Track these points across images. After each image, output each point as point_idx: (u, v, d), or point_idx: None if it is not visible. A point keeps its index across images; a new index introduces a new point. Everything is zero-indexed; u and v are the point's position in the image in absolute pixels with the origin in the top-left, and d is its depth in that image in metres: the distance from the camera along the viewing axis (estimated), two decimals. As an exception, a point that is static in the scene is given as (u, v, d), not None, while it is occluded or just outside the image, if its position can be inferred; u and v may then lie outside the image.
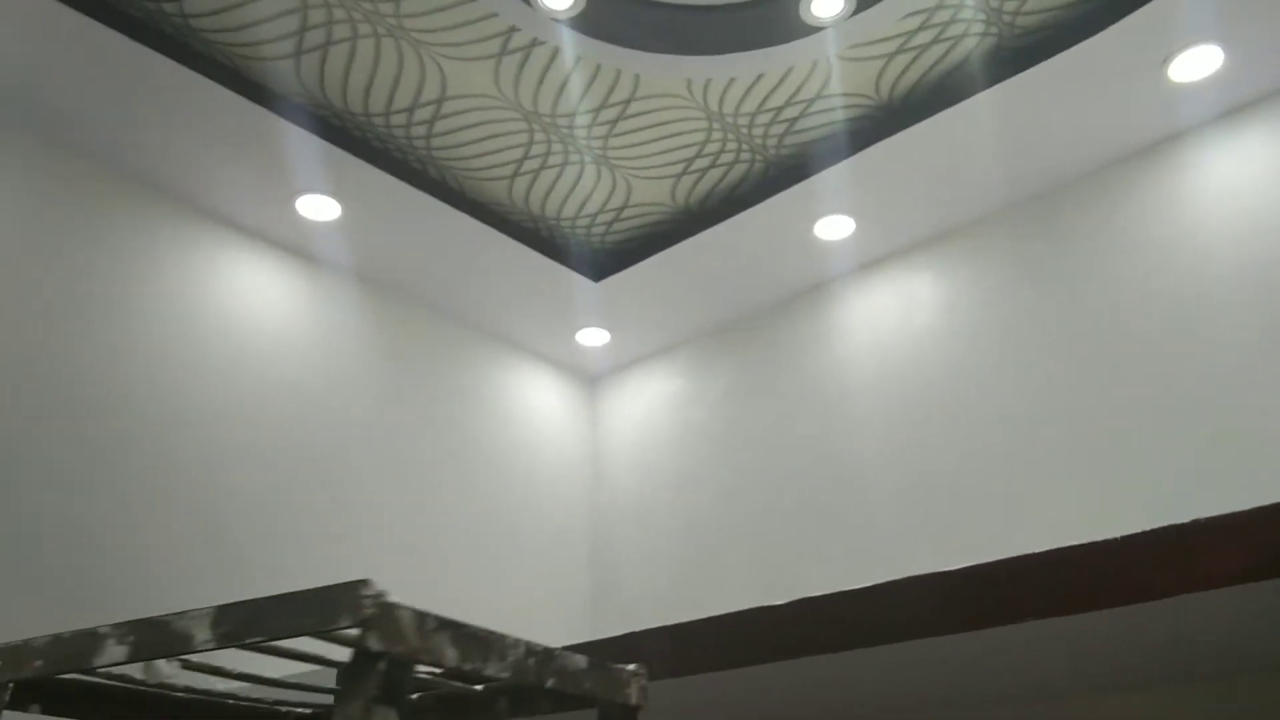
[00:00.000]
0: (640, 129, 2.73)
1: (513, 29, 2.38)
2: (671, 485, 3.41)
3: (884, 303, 3.05)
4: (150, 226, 2.69)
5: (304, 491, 2.76)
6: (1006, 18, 2.36)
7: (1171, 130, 2.57)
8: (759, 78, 2.52)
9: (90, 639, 0.69)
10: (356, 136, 2.69)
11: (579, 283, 3.23)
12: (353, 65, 2.49)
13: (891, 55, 2.46)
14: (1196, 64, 2.37)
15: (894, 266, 3.05)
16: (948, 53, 2.46)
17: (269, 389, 2.78)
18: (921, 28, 2.36)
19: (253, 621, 0.63)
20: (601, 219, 3.10)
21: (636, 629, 1.54)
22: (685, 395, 3.49)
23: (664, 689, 1.07)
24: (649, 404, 3.60)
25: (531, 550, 3.30)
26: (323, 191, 2.78)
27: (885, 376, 2.96)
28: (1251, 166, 2.42)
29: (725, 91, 2.59)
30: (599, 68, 2.51)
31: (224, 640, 0.64)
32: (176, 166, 2.66)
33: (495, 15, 2.33)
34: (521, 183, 2.94)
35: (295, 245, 2.98)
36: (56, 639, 0.70)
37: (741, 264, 3.16)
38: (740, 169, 2.89)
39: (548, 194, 2.99)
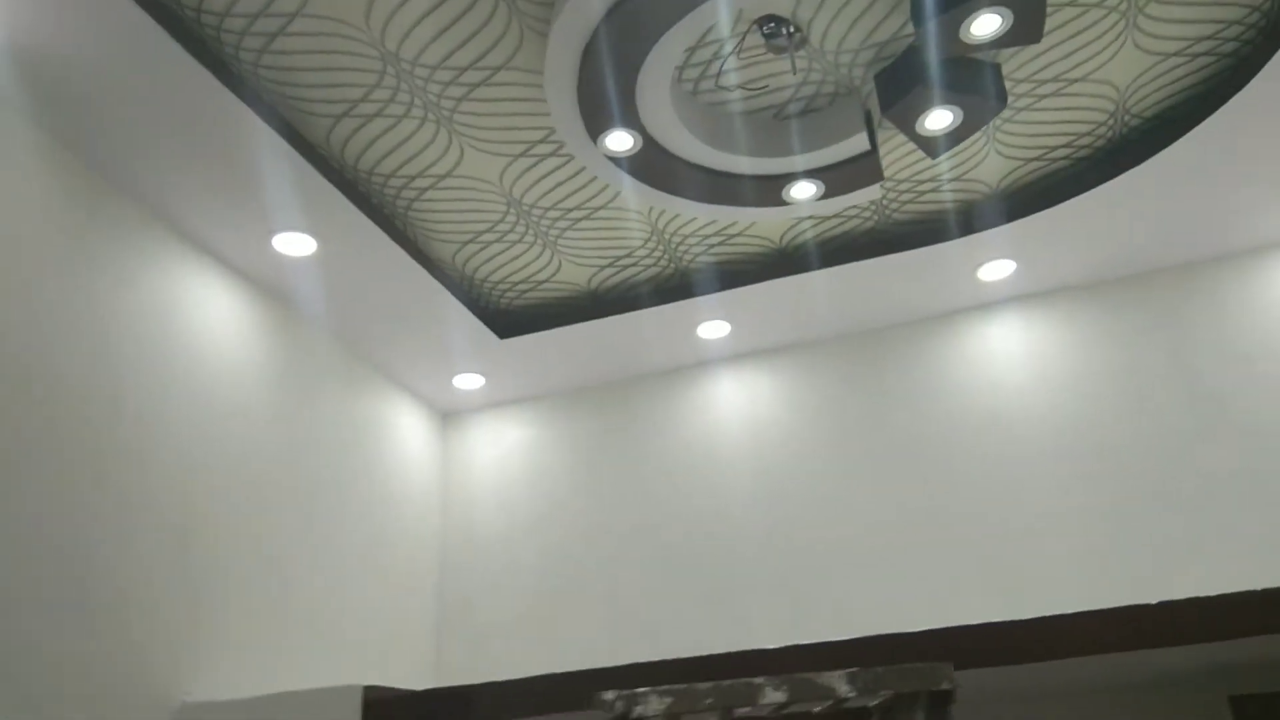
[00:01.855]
0: (595, 228, 3.22)
1: (548, 139, 2.79)
2: (527, 525, 3.87)
3: (742, 393, 3.78)
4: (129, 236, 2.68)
5: (208, 511, 2.87)
6: (887, 211, 3.22)
7: (977, 312, 3.59)
8: (712, 222, 3.15)
9: (750, 688, 1.14)
10: (346, 180, 2.89)
11: (486, 337, 3.60)
12: (386, 135, 2.74)
13: (806, 224, 3.22)
14: (998, 271, 3.40)
15: (762, 363, 3.80)
16: (838, 226, 3.27)
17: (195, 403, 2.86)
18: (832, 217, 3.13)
19: (874, 681, 1.14)
20: (522, 287, 3.52)
21: (487, 657, 2.13)
22: (549, 442, 3.97)
23: None
24: (513, 446, 4.02)
25: (381, 575, 3.56)
26: (301, 229, 2.93)
27: (740, 455, 3.69)
28: (1041, 343, 3.48)
29: (673, 220, 3.18)
30: (592, 180, 2.99)
31: (860, 694, 1.14)
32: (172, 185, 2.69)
33: (551, 132, 2.74)
34: (471, 249, 3.28)
35: (269, 277, 3.06)
36: (719, 686, 1.14)
37: (629, 346, 3.73)
38: (653, 271, 3.48)
39: (489, 261, 3.36)
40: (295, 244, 2.97)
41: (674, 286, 3.53)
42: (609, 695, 1.16)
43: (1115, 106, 2.82)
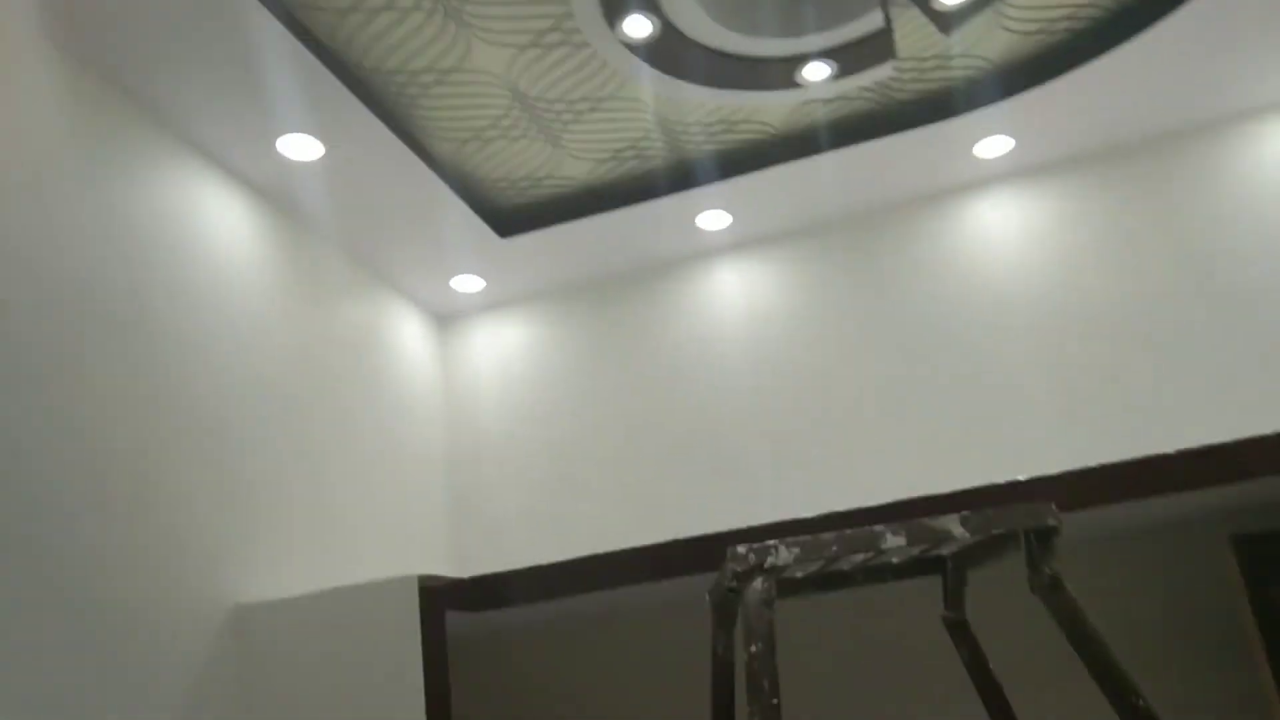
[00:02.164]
0: (598, 120, 3.19)
1: (559, 27, 2.74)
2: (531, 421, 3.93)
3: (742, 282, 3.83)
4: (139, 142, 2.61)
5: (229, 419, 2.89)
6: (889, 90, 3.23)
7: (974, 189, 3.65)
8: (716, 109, 3.14)
9: (872, 534, 1.22)
10: (353, 78, 2.82)
11: (487, 236, 3.58)
12: (392, 30, 2.67)
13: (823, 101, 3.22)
14: (996, 148, 3.45)
15: (762, 252, 3.84)
16: (841, 104, 3.28)
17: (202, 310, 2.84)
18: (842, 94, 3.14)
19: (985, 522, 1.23)
20: (523, 184, 3.50)
21: (499, 548, 2.22)
22: (550, 341, 4.00)
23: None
24: (514, 346, 4.05)
25: (392, 475, 3.61)
26: (307, 130, 2.86)
27: (742, 341, 3.76)
28: (1037, 218, 3.56)
29: (678, 109, 3.16)
30: (599, 70, 2.95)
31: (972, 534, 1.22)
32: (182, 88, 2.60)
33: (560, 20, 2.69)
34: (473, 146, 3.24)
35: (274, 182, 3.00)
36: (842, 535, 1.22)
37: (629, 240, 3.74)
38: (654, 164, 3.47)
39: (491, 159, 3.32)
40: (300, 146, 2.91)
41: (675, 178, 3.53)
42: (741, 549, 1.23)
43: (1118, -25, 2.83)
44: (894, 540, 1.23)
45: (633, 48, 2.64)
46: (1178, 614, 2.48)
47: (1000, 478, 3.39)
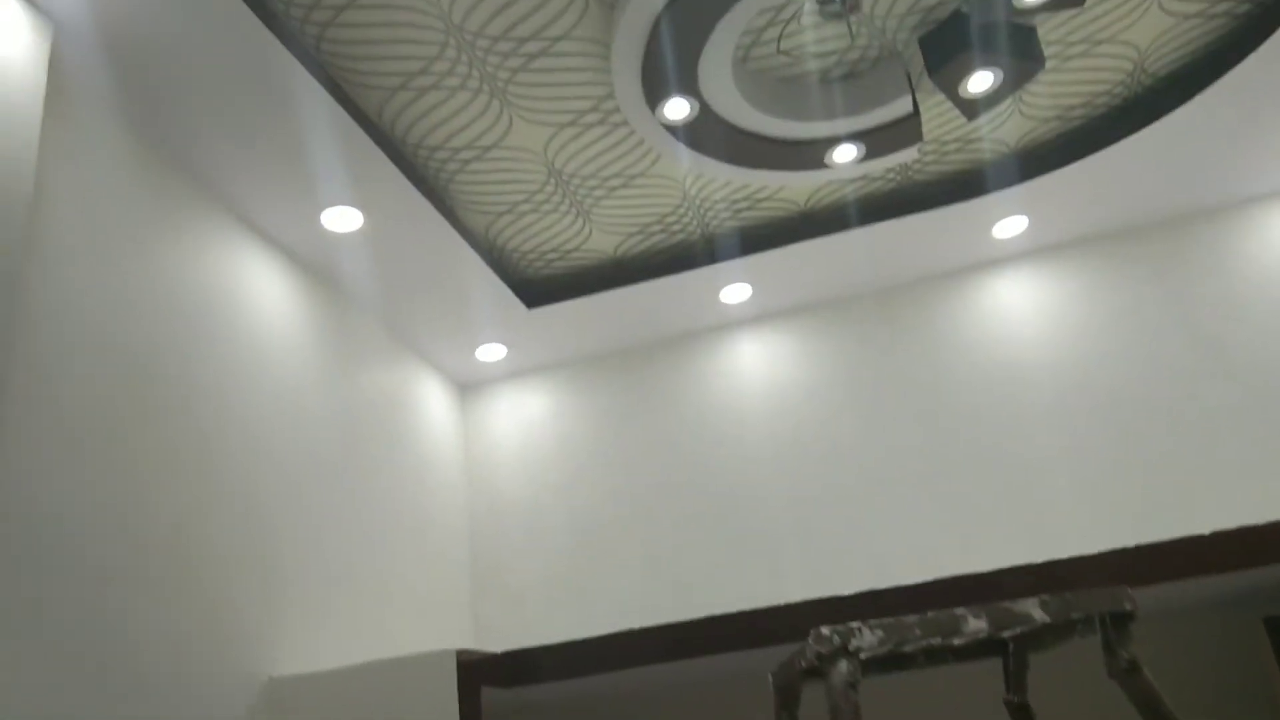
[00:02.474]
0: (629, 196, 3.28)
1: (598, 108, 2.83)
2: (553, 490, 3.94)
3: (763, 354, 3.89)
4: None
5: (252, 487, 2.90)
6: (910, 172, 3.33)
7: (991, 268, 3.74)
8: (743, 187, 3.23)
9: (954, 618, 1.24)
10: (396, 151, 2.90)
11: (514, 306, 3.64)
12: (438, 109, 2.75)
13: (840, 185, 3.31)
14: (1012, 228, 3.54)
15: (783, 325, 3.90)
16: (839, 189, 3.38)
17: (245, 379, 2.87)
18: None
19: (1064, 606, 1.25)
20: (550, 256, 3.56)
21: (522, 619, 2.23)
22: (572, 409, 4.03)
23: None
24: (536, 414, 4.07)
25: (415, 544, 3.60)
26: (348, 202, 2.93)
27: (763, 414, 3.80)
28: (1049, 299, 3.64)
29: (705, 186, 3.25)
30: (634, 148, 3.04)
31: (1051, 616, 1.25)
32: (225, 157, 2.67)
33: (600, 101, 2.78)
34: (506, 219, 3.31)
35: (315, 253, 3.06)
36: (925, 618, 1.24)
37: (652, 312, 3.80)
38: (679, 238, 3.55)
39: (522, 231, 3.39)
40: (342, 218, 2.97)
41: (699, 252, 3.61)
42: (825, 630, 1.25)
43: (1134, 66, 2.95)
44: (975, 624, 1.26)
45: (672, 129, 2.73)
46: (1211, 695, 2.48)
47: (1019, 555, 3.41)
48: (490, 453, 4.08)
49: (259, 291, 2.93)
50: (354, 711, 2.40)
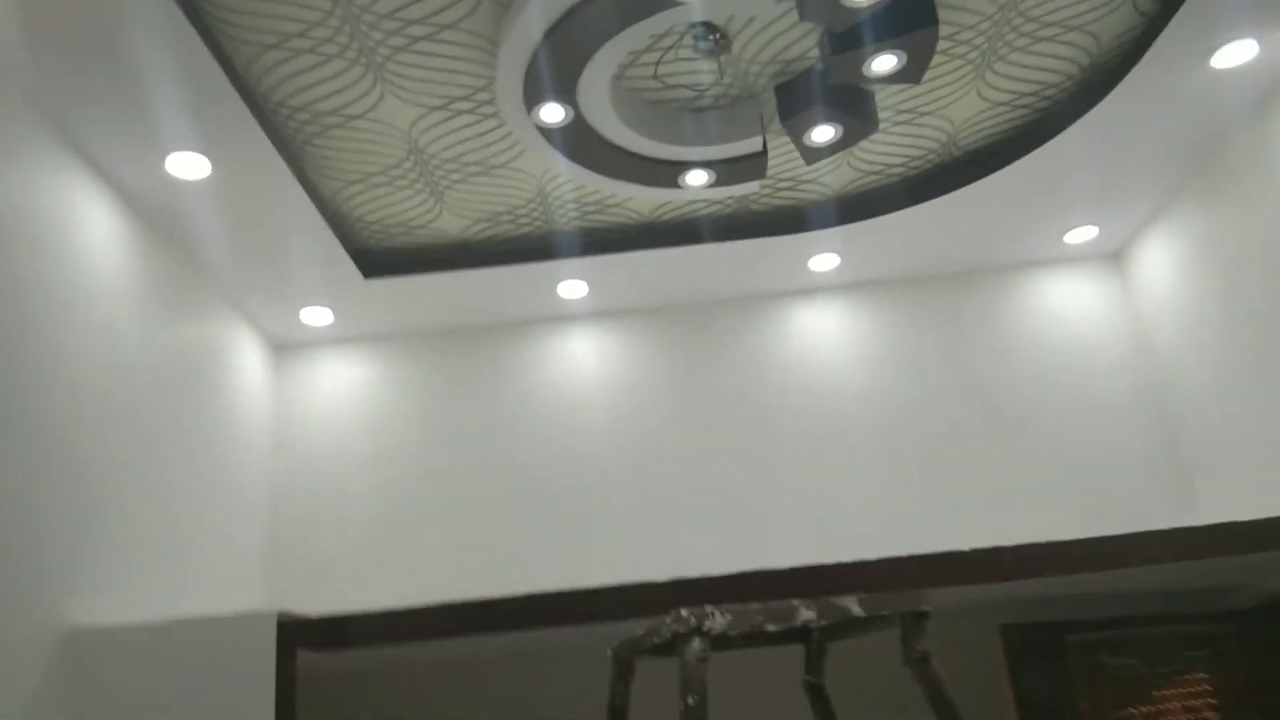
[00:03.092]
0: (487, 184, 3.36)
1: (471, 98, 2.90)
2: (367, 459, 3.94)
3: (594, 349, 4.06)
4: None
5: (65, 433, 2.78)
6: (747, 201, 3.62)
7: (804, 296, 4.09)
8: (596, 191, 3.38)
9: (790, 607, 1.46)
10: (255, 104, 2.84)
11: (351, 273, 3.62)
12: (308, 72, 2.73)
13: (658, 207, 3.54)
14: (826, 263, 3.91)
15: (615, 324, 4.09)
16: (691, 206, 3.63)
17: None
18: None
19: (877, 604, 1.50)
20: (395, 230, 3.58)
21: (321, 587, 2.43)
22: (398, 382, 4.04)
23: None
24: (359, 382, 4.05)
25: (220, 500, 3.51)
26: (197, 149, 2.83)
27: (588, 407, 3.98)
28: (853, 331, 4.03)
29: (561, 186, 3.39)
30: (500, 139, 3.13)
31: (867, 612, 1.49)
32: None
33: (474, 91, 2.85)
34: (357, 188, 3.30)
35: (154, 197, 2.90)
36: (766, 607, 1.44)
37: (490, 297, 3.89)
38: (526, 230, 3.67)
39: (372, 202, 3.39)
40: (187, 165, 2.87)
41: (543, 246, 3.73)
42: (684, 613, 1.44)
43: (948, 138, 3.37)
44: (807, 613, 1.48)
45: (542, 130, 2.85)
46: (956, 690, 2.90)
47: (805, 556, 3.78)
48: (304, 417, 4.01)
49: (86, 228, 2.78)
50: (164, 666, 2.36)
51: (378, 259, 3.71)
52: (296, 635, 2.45)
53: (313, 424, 4.00)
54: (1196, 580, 2.96)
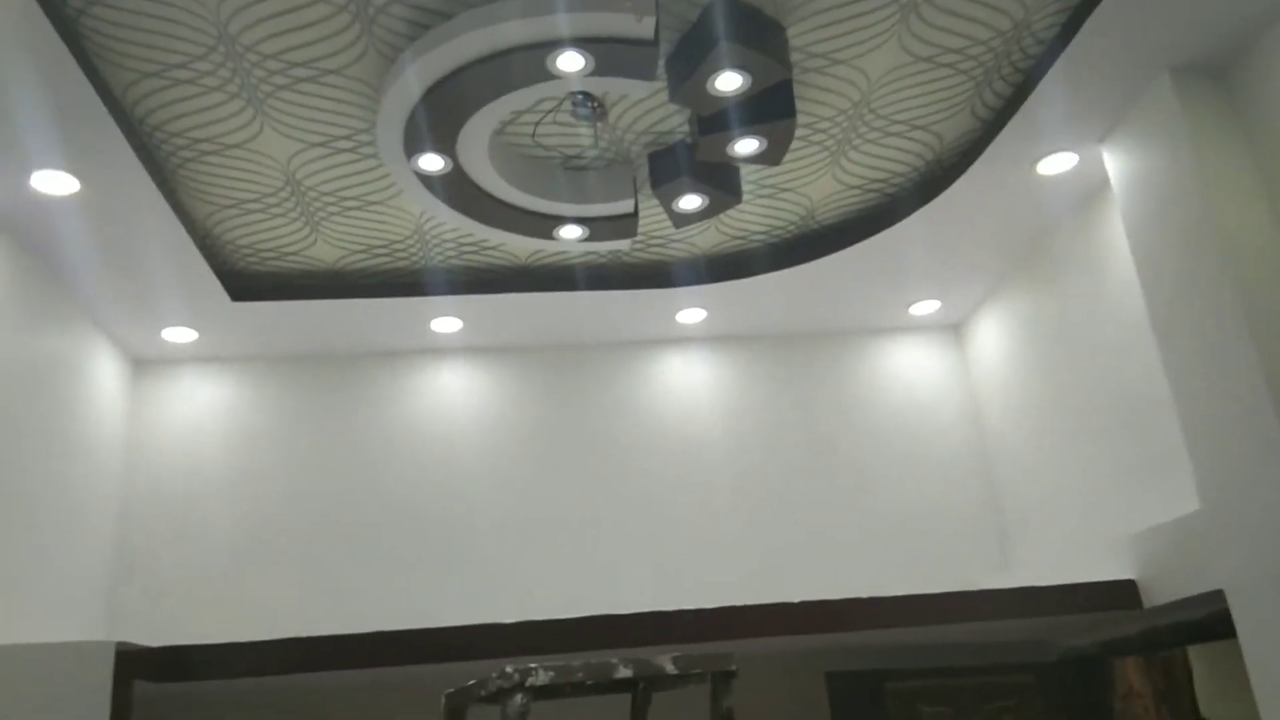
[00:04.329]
0: (361, 219, 3.41)
1: (352, 138, 2.96)
2: (223, 483, 3.90)
3: (465, 386, 4.13)
4: None
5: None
6: (620, 255, 3.78)
7: (672, 345, 4.27)
8: (472, 234, 3.48)
9: (609, 665, 1.58)
10: (130, 126, 2.83)
11: (218, 295, 3.59)
12: (188, 101, 2.74)
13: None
14: (692, 317, 4.11)
15: (487, 361, 4.16)
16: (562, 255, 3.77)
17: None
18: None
19: (689, 663, 1.65)
20: (267, 254, 3.58)
21: (166, 614, 2.54)
22: (260, 405, 4.01)
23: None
24: (219, 404, 4.00)
25: (63, 518, 3.42)
26: (65, 168, 2.80)
27: (453, 441, 4.04)
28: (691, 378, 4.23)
29: (439, 226, 3.47)
30: (378, 179, 3.19)
31: (680, 670, 1.63)
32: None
33: (355, 132, 2.91)
34: (231, 213, 3.30)
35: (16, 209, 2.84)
36: (588, 663, 1.57)
37: (361, 327, 3.92)
38: (403, 264, 3.72)
39: (245, 227, 3.39)
40: (54, 182, 2.83)
41: (417, 281, 3.80)
42: (510, 669, 1.55)
43: (806, 213, 3.61)
44: (624, 670, 1.62)
45: (420, 176, 2.93)
46: (776, 729, 3.09)
47: (652, 601, 3.94)
48: (160, 436, 3.94)
49: (-60, 238, 2.71)
50: (-12, 699, 2.32)
51: (248, 282, 3.70)
52: (135, 666, 2.44)
53: (169, 443, 3.94)
54: (1008, 635, 3.25)
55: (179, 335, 3.84)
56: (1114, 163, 3.01)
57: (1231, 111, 2.74)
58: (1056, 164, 3.18)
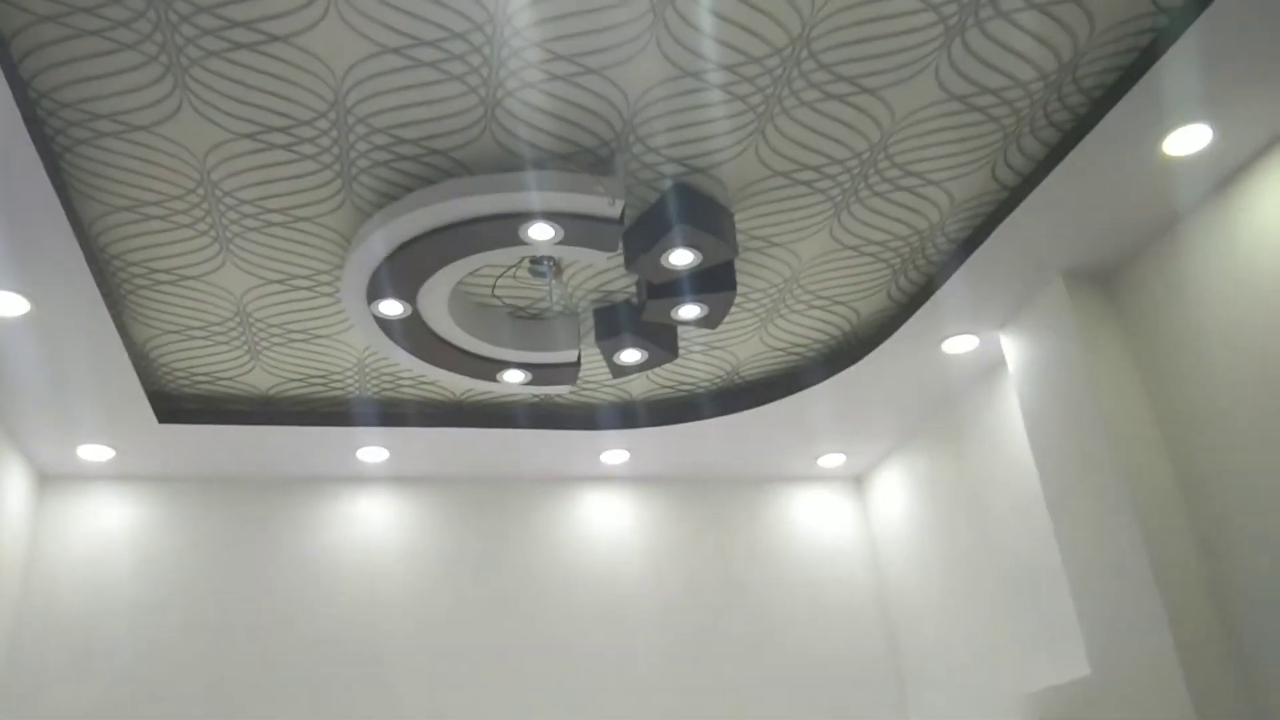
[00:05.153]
0: (304, 351, 3.46)
1: (311, 278, 3.05)
2: (125, 608, 3.75)
3: (385, 517, 4.13)
4: None
5: None
6: (553, 397, 3.92)
7: (594, 483, 4.38)
8: (411, 369, 3.57)
9: None
10: (87, 246, 2.85)
11: (145, 415, 3.55)
12: (156, 234, 2.80)
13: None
14: (616, 457, 4.25)
15: (412, 491, 4.17)
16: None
17: None
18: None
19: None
20: (200, 378, 3.58)
21: None
22: (171, 527, 3.91)
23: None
24: (128, 524, 3.87)
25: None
26: (17, 289, 2.79)
27: (371, 572, 4.01)
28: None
29: (381, 361, 3.55)
30: (330, 313, 3.27)
31: None
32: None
33: (314, 274, 3.01)
34: (172, 338, 3.31)
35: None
36: None
37: (285, 454, 3.91)
38: (337, 394, 3.77)
39: (184, 352, 3.40)
40: (5, 302, 2.81)
41: (349, 411, 3.84)
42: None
43: (731, 370, 3.85)
44: None
45: (377, 318, 3.04)
46: None
47: (564, 739, 3.93)
48: (60, 557, 3.78)
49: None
50: None
51: (176, 404, 3.67)
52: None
53: (72, 565, 3.78)
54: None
55: (95, 453, 3.75)
56: (1011, 349, 3.36)
57: (1116, 312, 3.13)
58: (960, 344, 3.53)
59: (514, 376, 3.41)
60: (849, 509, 4.65)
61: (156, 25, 2.18)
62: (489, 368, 3.36)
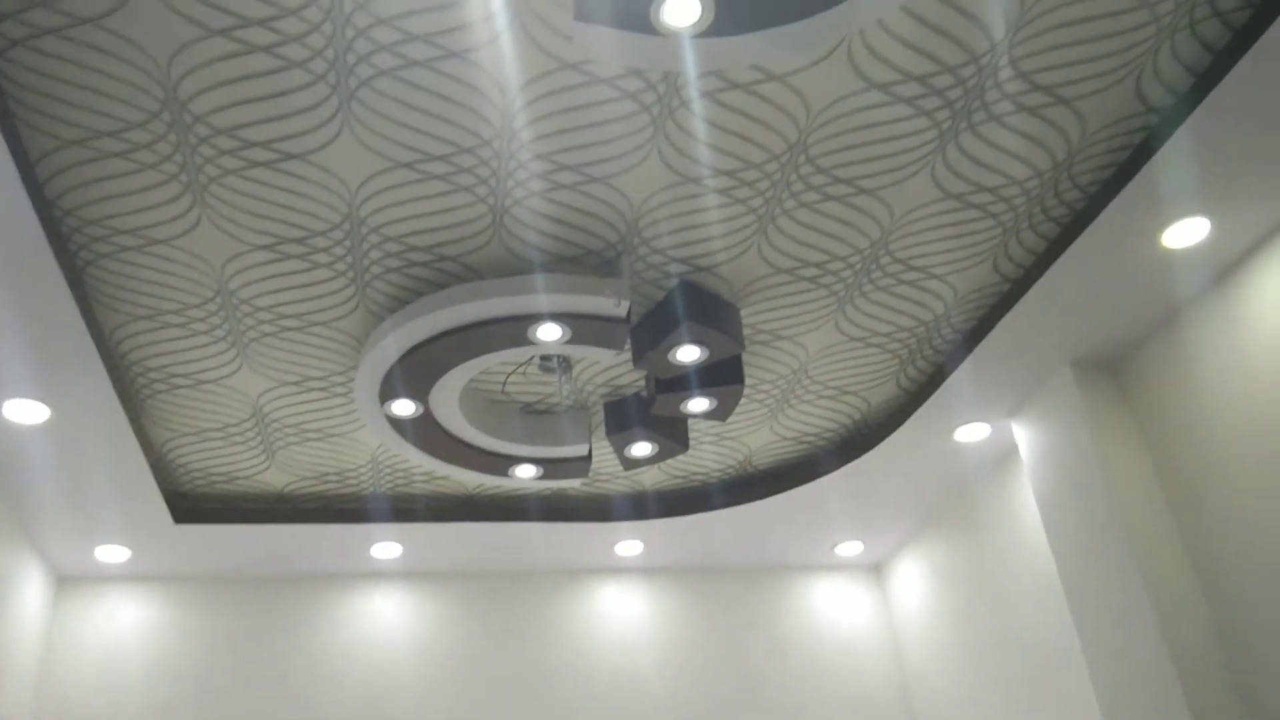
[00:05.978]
0: (319, 450, 3.50)
1: (326, 379, 3.11)
2: (144, 709, 3.72)
3: (404, 612, 4.10)
4: None
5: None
6: (565, 490, 3.92)
7: (608, 575, 4.35)
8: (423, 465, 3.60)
9: None
10: (110, 360, 2.92)
11: (162, 518, 3.58)
12: (174, 342, 2.87)
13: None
14: (631, 549, 4.23)
15: (425, 586, 4.16)
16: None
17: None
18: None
19: None
20: (217, 478, 3.61)
21: None
22: (186, 628, 3.90)
23: None
24: (143, 625, 3.87)
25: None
26: (37, 397, 2.85)
27: (392, 669, 3.97)
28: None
29: (394, 458, 3.58)
30: (345, 413, 3.32)
31: None
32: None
33: (328, 375, 3.06)
34: (189, 440, 3.36)
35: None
36: None
37: (301, 551, 3.92)
38: (351, 490, 3.79)
39: (200, 453, 3.44)
40: (26, 411, 2.87)
41: (364, 508, 3.85)
42: None
43: (744, 459, 3.85)
44: None
45: (390, 419, 3.08)
46: None
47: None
48: (75, 658, 3.77)
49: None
50: None
51: (192, 504, 3.70)
52: None
53: (87, 666, 3.77)
54: None
55: (111, 554, 3.77)
56: (1023, 436, 3.35)
57: (1124, 399, 3.12)
58: (971, 432, 3.52)
59: (526, 472, 3.42)
60: (868, 598, 4.59)
61: (177, 147, 2.28)
62: (501, 463, 3.38)
